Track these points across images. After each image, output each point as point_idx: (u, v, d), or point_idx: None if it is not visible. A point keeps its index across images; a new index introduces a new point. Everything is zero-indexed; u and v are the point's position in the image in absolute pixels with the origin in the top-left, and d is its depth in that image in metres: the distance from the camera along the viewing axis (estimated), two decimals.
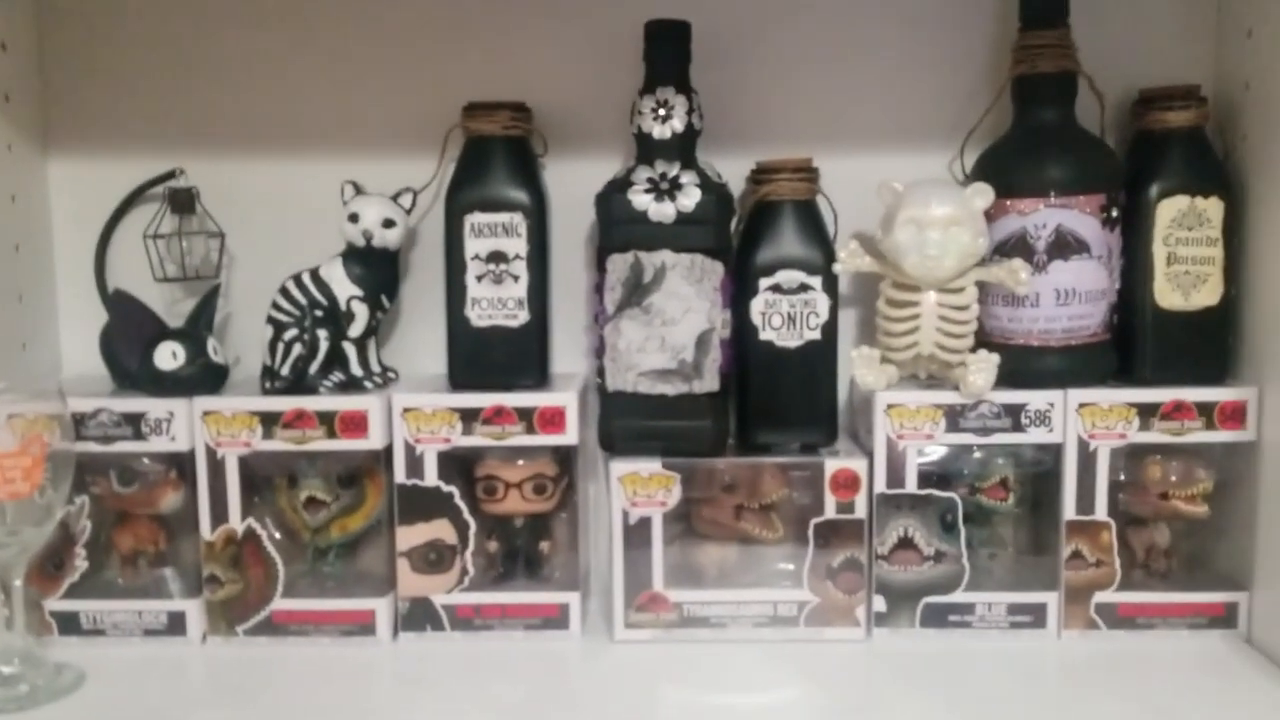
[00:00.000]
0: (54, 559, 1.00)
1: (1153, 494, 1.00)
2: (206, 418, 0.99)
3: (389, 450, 1.00)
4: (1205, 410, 0.98)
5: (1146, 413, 0.98)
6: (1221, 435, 0.98)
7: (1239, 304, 1.00)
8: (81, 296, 1.09)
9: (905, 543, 1.00)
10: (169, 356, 0.99)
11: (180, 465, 1.00)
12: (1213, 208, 0.99)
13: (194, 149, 1.09)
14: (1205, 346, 1.00)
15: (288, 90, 1.10)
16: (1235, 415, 0.98)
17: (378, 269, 1.03)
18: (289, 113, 1.10)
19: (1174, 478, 1.00)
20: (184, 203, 1.06)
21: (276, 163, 1.10)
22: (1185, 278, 0.99)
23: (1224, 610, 1.00)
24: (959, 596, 1.00)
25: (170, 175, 1.07)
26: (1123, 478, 1.00)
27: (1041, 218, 0.97)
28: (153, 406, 0.99)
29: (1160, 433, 0.98)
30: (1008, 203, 0.98)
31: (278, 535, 1.02)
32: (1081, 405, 0.98)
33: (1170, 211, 0.99)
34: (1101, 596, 1.00)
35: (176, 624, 1.01)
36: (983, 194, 0.96)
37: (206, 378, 1.00)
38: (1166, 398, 0.98)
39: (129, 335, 1.01)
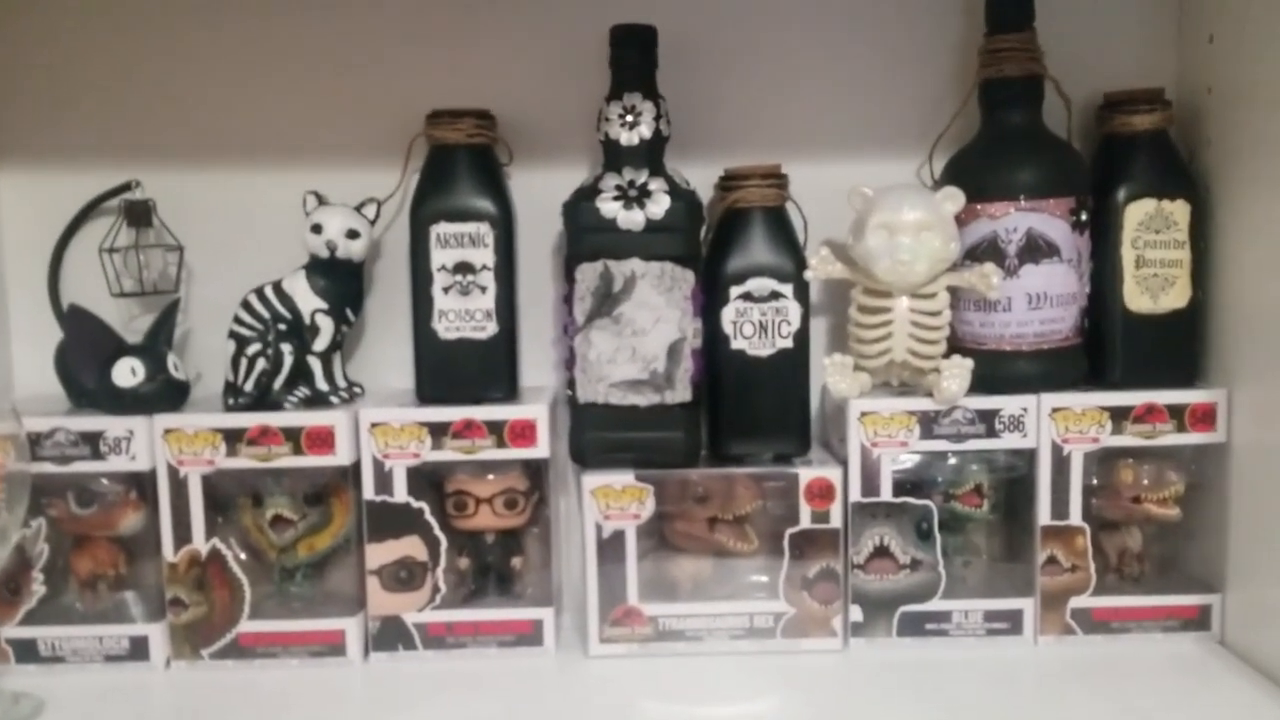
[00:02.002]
0: (10, 584, 0.98)
1: (1125, 497, 1.01)
2: (167, 436, 0.96)
3: (357, 466, 0.98)
4: (1176, 413, 0.98)
5: (1118, 416, 0.98)
6: (1192, 437, 0.99)
7: (1207, 306, 1.01)
8: (35, 313, 1.06)
9: (881, 551, 0.99)
10: (128, 373, 0.97)
11: (141, 485, 0.98)
12: (1179, 210, 1.00)
13: (150, 160, 1.07)
14: (1175, 349, 1.01)
15: (247, 99, 1.08)
16: (1205, 417, 0.98)
17: (342, 281, 1.01)
18: (248, 122, 1.08)
19: (1146, 481, 1.00)
20: (140, 215, 1.04)
21: (236, 173, 1.08)
22: (1154, 280, 1.00)
23: (1197, 613, 1.00)
24: (935, 605, 1.00)
25: (125, 187, 1.04)
26: (1095, 482, 1.01)
27: (1012, 221, 0.97)
28: (111, 425, 0.96)
29: (1132, 436, 0.98)
30: (978, 207, 0.98)
31: (243, 556, 0.99)
32: (1054, 410, 0.98)
33: (1138, 214, 1.00)
34: (1077, 601, 1.00)
35: (139, 649, 0.98)
36: (953, 198, 0.96)
37: (167, 394, 0.98)
38: (1138, 401, 0.98)
39: (85, 352, 0.99)
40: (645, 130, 0.97)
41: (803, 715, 0.89)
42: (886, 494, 0.98)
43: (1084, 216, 0.99)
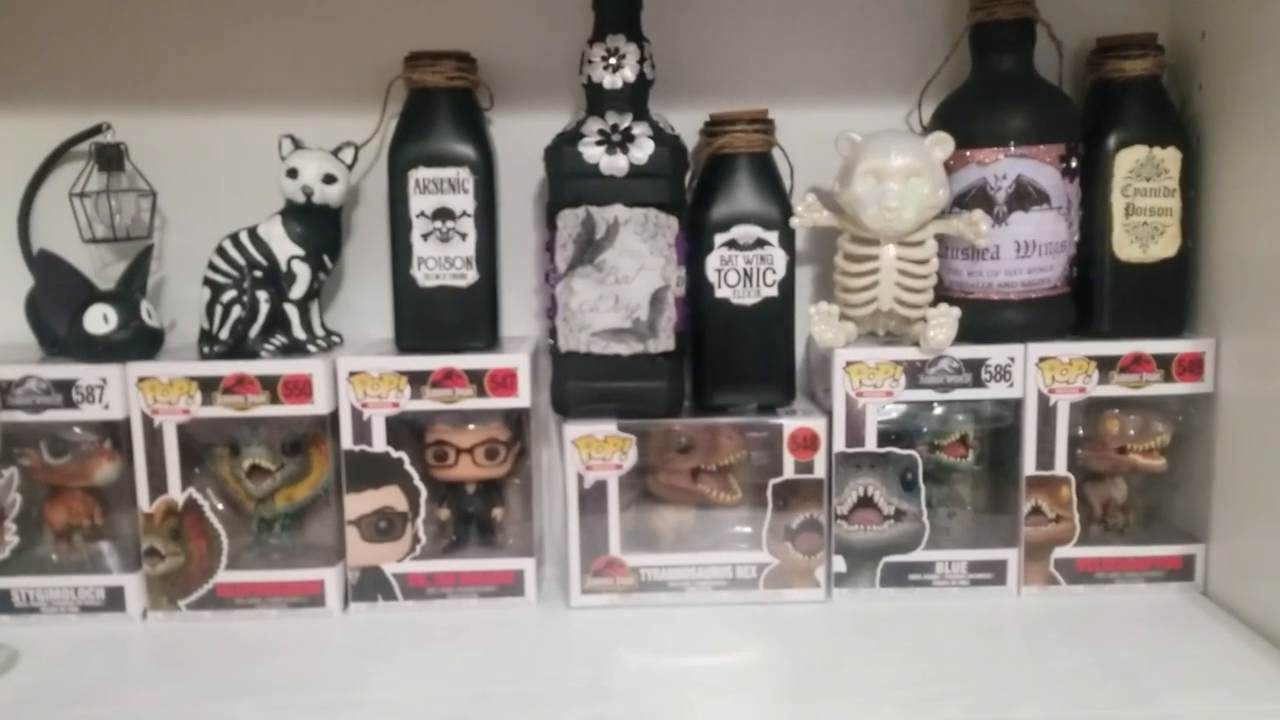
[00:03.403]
0: None
1: (1111, 448, 1.00)
2: (141, 384, 0.95)
3: (335, 416, 0.96)
4: (1163, 363, 0.98)
5: (1106, 366, 0.97)
6: (1179, 387, 0.98)
7: (1196, 255, 1.00)
8: (4, 259, 1.04)
9: (865, 502, 0.98)
10: (100, 320, 0.95)
11: (115, 434, 0.96)
12: (1170, 158, 0.98)
13: (121, 102, 1.04)
14: (1163, 298, 1.00)
15: (221, 39, 1.05)
16: (1193, 367, 0.98)
17: (319, 227, 0.99)
18: (222, 63, 1.05)
19: (1132, 431, 1.00)
20: (112, 159, 1.01)
21: (209, 116, 1.05)
22: (1143, 229, 0.99)
23: (1181, 563, 1.00)
24: (919, 555, 0.99)
25: (96, 130, 1.02)
26: (1081, 432, 1.00)
27: (1001, 168, 0.96)
28: (84, 373, 0.95)
29: (1119, 385, 0.98)
30: (967, 153, 0.96)
31: (220, 506, 0.98)
32: (1041, 359, 0.97)
33: (1128, 162, 0.98)
34: (1061, 552, 0.99)
35: (115, 599, 0.97)
36: (942, 144, 0.94)
37: (140, 342, 0.96)
38: (1125, 350, 0.97)
39: (56, 298, 0.96)
40: (629, 73, 0.95)
41: (785, 666, 0.89)
42: (871, 444, 0.97)
43: (1074, 163, 0.97)
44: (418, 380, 0.96)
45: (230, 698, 0.84)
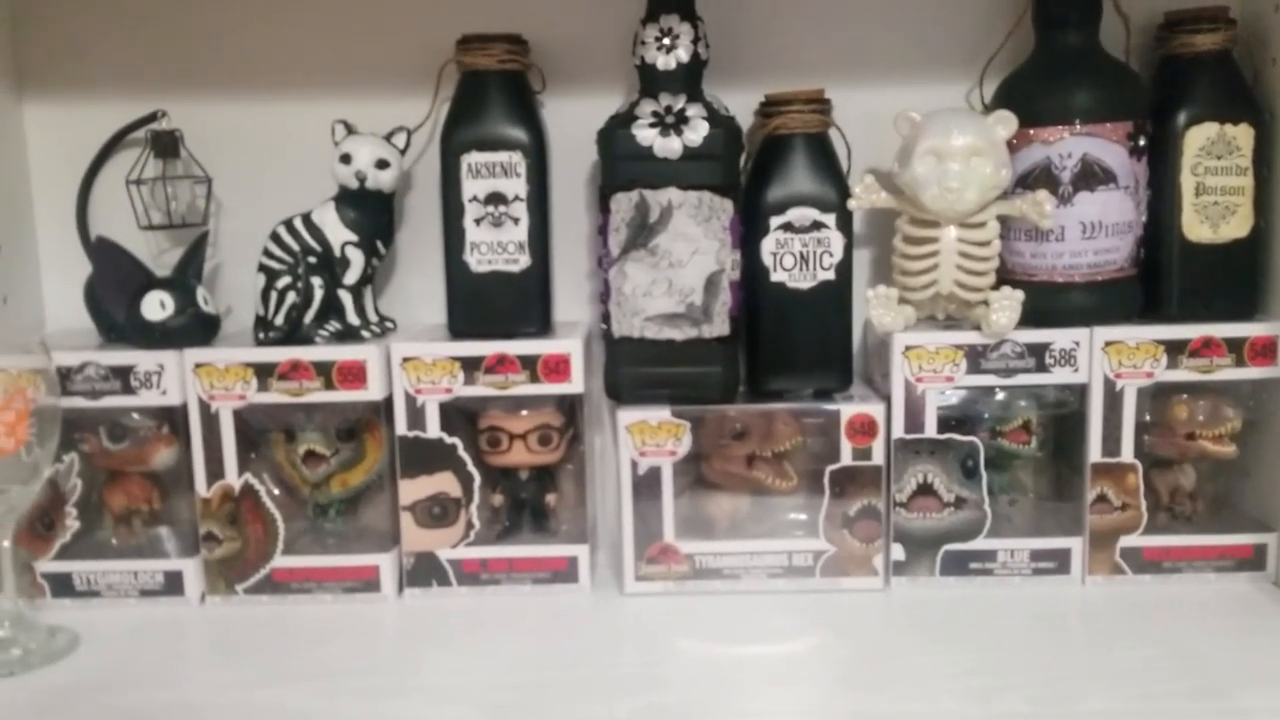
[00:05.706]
0: (44, 519, 0.98)
1: (1179, 434, 0.98)
2: (198, 370, 0.95)
3: (389, 401, 0.96)
4: (1235, 347, 0.95)
5: (1174, 350, 0.95)
6: (1251, 372, 0.95)
7: (1269, 235, 0.97)
8: (64, 246, 1.05)
9: (924, 489, 0.97)
10: (157, 306, 0.96)
11: (172, 420, 0.97)
12: (1242, 135, 0.95)
13: (177, 89, 1.05)
14: (1235, 280, 0.97)
15: (274, 26, 1.05)
16: (1266, 351, 0.95)
17: (372, 213, 0.99)
18: (276, 50, 1.05)
19: (1201, 417, 0.97)
20: (167, 146, 1.02)
21: (264, 103, 1.06)
22: (1214, 209, 0.96)
23: (1252, 553, 0.97)
24: (980, 544, 0.97)
25: (152, 117, 1.02)
26: (1148, 418, 0.97)
27: (1066, 147, 0.93)
28: (142, 359, 0.95)
29: (1188, 370, 0.95)
30: (1031, 131, 0.94)
31: (276, 491, 0.99)
32: (1107, 344, 0.94)
33: (1199, 139, 0.95)
34: (1127, 541, 0.97)
35: (174, 584, 0.98)
36: (1005, 122, 0.92)
37: (197, 328, 0.97)
38: (1195, 334, 0.95)
39: (114, 285, 0.97)
40: (683, 54, 0.94)
41: (842, 655, 0.88)
42: (931, 430, 0.96)
43: (1142, 141, 0.95)
44: (471, 366, 0.96)
45: (285, 682, 0.85)
